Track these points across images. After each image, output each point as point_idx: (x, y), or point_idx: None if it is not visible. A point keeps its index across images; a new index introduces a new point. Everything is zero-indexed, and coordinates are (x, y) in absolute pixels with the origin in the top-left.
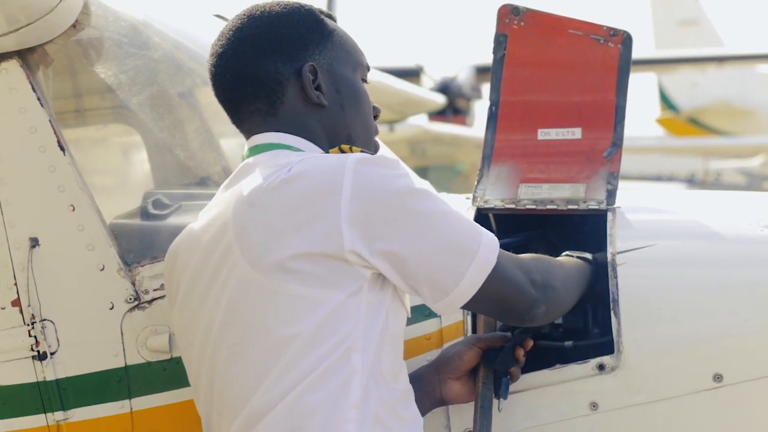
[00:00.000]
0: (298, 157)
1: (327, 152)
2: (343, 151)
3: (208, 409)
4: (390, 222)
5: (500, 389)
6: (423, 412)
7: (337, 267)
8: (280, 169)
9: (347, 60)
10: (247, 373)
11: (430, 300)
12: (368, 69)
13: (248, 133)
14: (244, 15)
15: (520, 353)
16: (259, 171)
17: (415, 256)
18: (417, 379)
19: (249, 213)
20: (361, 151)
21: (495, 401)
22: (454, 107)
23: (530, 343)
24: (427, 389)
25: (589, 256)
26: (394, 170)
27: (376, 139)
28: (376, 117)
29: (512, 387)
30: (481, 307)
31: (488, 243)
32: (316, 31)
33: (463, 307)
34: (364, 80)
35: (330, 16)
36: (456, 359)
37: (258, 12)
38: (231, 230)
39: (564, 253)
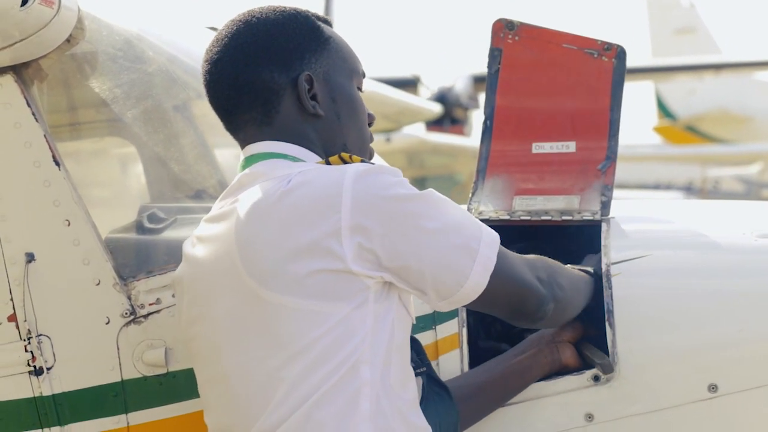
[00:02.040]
0: (297, 168)
1: (326, 160)
2: (342, 159)
3: (218, 422)
4: (392, 232)
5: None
6: (539, 373)
7: (341, 279)
8: (279, 181)
9: (343, 68)
10: (255, 389)
11: (435, 300)
12: (364, 76)
13: (243, 142)
14: (240, 21)
15: None
16: (258, 183)
17: (417, 262)
18: (533, 339)
19: (251, 228)
20: (361, 161)
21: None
22: (451, 117)
23: None
24: (543, 349)
25: (590, 269)
26: (393, 177)
27: (371, 146)
28: (370, 124)
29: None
30: (490, 307)
31: (489, 241)
32: (312, 38)
33: (474, 308)
34: (360, 88)
35: (326, 21)
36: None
37: (254, 18)
38: (234, 246)
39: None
